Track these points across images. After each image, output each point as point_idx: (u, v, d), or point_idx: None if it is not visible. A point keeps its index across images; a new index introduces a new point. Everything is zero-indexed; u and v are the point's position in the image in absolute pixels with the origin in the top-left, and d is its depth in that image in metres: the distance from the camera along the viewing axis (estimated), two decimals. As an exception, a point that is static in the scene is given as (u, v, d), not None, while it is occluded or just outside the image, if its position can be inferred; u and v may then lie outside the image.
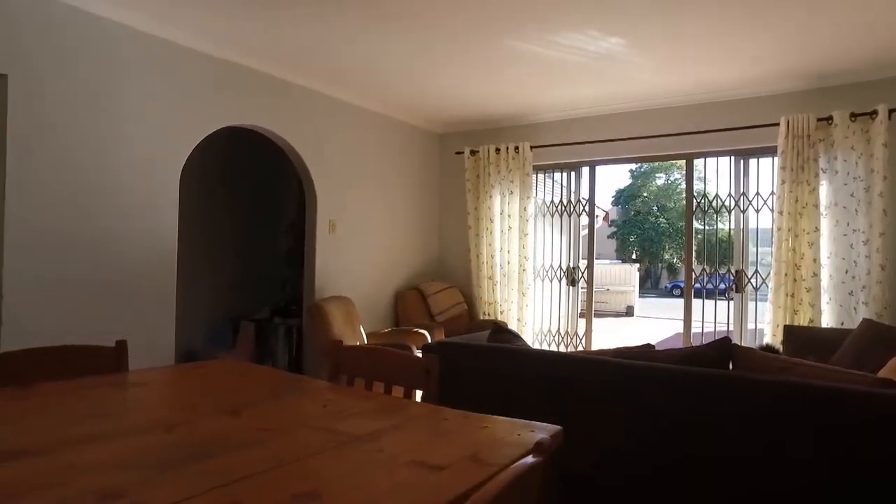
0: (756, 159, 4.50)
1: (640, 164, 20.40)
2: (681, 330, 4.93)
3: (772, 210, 4.28)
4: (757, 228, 4.56)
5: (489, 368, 2.44)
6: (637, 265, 18.62)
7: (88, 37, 3.18)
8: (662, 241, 23.95)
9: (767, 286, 4.25)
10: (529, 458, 0.90)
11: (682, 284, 9.64)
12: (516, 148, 5.23)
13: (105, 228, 3.27)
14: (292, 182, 5.76)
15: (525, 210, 5.22)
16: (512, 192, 5.27)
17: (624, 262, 21.74)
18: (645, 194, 24.52)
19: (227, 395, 1.60)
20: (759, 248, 4.72)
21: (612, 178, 36.08)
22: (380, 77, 4.28)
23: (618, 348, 2.41)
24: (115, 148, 3.31)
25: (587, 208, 5.31)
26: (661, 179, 24.11)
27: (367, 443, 1.18)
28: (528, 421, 1.33)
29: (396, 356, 1.76)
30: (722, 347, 2.19)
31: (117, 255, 3.33)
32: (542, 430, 1.26)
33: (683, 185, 7.04)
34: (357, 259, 4.87)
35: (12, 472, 0.99)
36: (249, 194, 5.67)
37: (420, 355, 2.19)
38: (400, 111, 5.20)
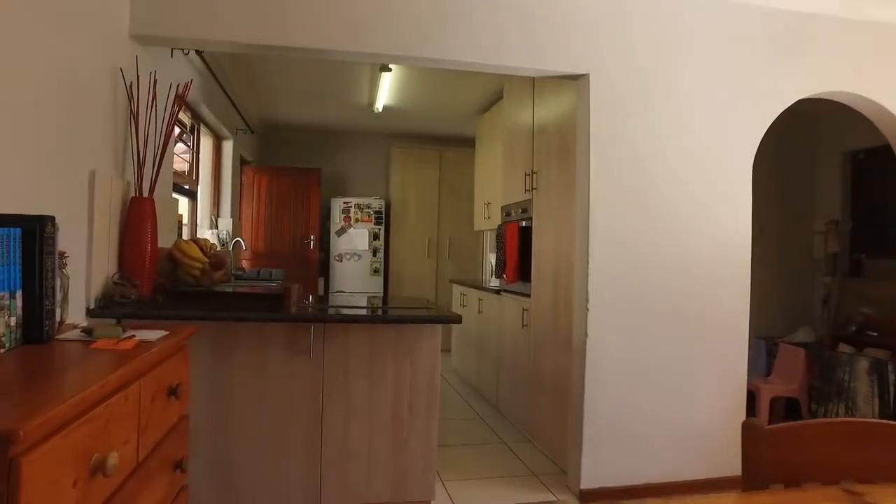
0: None
1: None
2: None
3: None
4: None
5: None
6: None
7: (654, 21, 2.81)
8: None
9: None
10: None
11: None
12: None
13: (674, 238, 2.84)
14: (833, 170, 4.52)
15: None
16: None
17: None
18: None
19: None
20: None
21: None
22: None
23: None
24: (680, 140, 2.85)
25: None
26: None
27: None
28: None
29: None
30: None
31: (687, 268, 2.85)
32: None
33: None
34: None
35: None
36: (771, 184, 4.68)
37: None
38: None
